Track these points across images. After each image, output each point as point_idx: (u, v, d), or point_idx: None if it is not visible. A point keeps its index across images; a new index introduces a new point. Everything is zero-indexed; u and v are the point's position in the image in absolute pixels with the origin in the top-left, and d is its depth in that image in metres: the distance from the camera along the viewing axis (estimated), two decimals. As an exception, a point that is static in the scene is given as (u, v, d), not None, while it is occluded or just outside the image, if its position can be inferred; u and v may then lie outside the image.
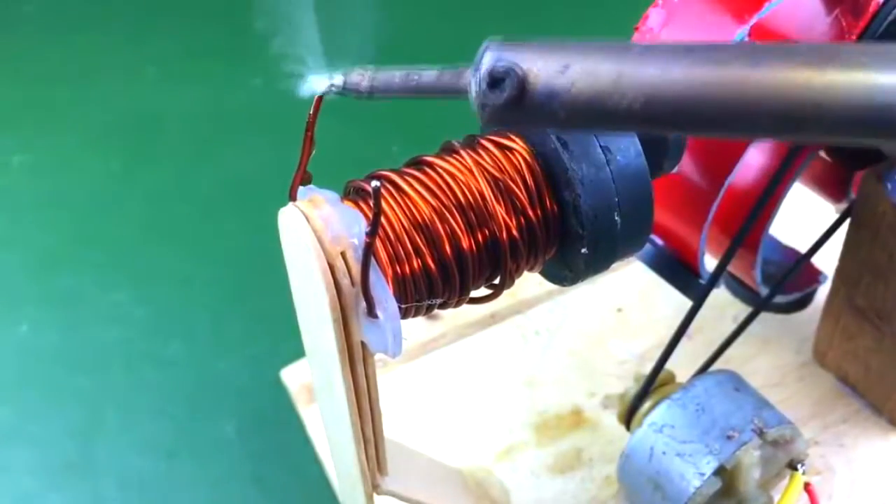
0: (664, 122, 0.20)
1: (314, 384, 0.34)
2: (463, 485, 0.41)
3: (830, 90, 0.18)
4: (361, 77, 0.26)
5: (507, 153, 0.29)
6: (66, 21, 0.95)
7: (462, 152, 0.29)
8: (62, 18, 0.96)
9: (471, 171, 0.28)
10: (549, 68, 0.21)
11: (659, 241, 0.41)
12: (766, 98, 0.19)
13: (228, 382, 0.58)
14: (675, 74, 0.20)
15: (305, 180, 0.27)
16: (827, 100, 0.18)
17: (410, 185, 0.28)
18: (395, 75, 0.25)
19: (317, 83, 0.26)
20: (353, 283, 0.25)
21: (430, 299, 0.28)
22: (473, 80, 0.22)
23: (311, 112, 0.27)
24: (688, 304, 0.39)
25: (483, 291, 0.30)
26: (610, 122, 0.21)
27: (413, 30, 0.82)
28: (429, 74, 0.25)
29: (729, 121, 0.19)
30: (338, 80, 0.26)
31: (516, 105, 0.21)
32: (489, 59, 0.22)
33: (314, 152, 0.27)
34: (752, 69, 0.19)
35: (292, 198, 0.27)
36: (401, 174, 0.28)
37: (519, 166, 0.29)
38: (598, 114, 0.20)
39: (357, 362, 0.27)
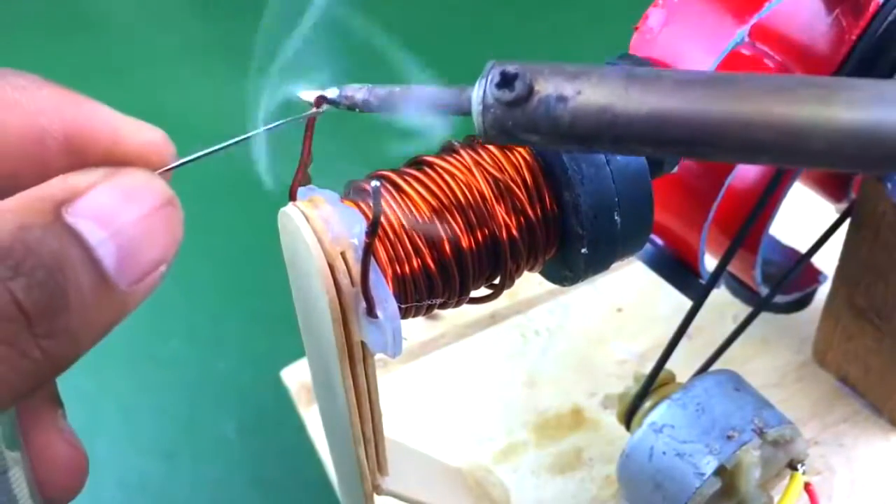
0: (666, 141, 0.21)
1: (314, 384, 0.34)
2: (463, 484, 0.41)
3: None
4: (357, 90, 0.26)
5: (507, 153, 0.29)
6: (66, 21, 0.95)
7: (462, 152, 0.29)
8: (62, 18, 0.96)
9: (471, 170, 0.28)
10: (559, 75, 0.22)
11: (659, 241, 0.41)
12: (769, 129, 0.20)
13: (228, 382, 0.58)
14: (688, 96, 0.20)
15: (305, 180, 0.27)
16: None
17: (410, 185, 0.28)
18: (393, 90, 0.25)
19: (308, 96, 0.26)
20: (353, 283, 0.25)
21: (430, 299, 0.28)
22: (480, 85, 0.22)
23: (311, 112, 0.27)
24: (688, 304, 0.38)
25: (483, 291, 0.30)
26: (612, 133, 0.21)
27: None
28: (429, 90, 0.25)
29: (733, 148, 0.20)
30: (331, 92, 0.26)
31: (523, 104, 0.22)
32: (501, 64, 0.22)
33: (313, 152, 0.27)
34: (760, 107, 0.20)
35: (292, 198, 0.27)
36: (401, 174, 0.28)
37: (519, 166, 0.29)
38: (602, 123, 0.21)
39: (357, 362, 0.27)
